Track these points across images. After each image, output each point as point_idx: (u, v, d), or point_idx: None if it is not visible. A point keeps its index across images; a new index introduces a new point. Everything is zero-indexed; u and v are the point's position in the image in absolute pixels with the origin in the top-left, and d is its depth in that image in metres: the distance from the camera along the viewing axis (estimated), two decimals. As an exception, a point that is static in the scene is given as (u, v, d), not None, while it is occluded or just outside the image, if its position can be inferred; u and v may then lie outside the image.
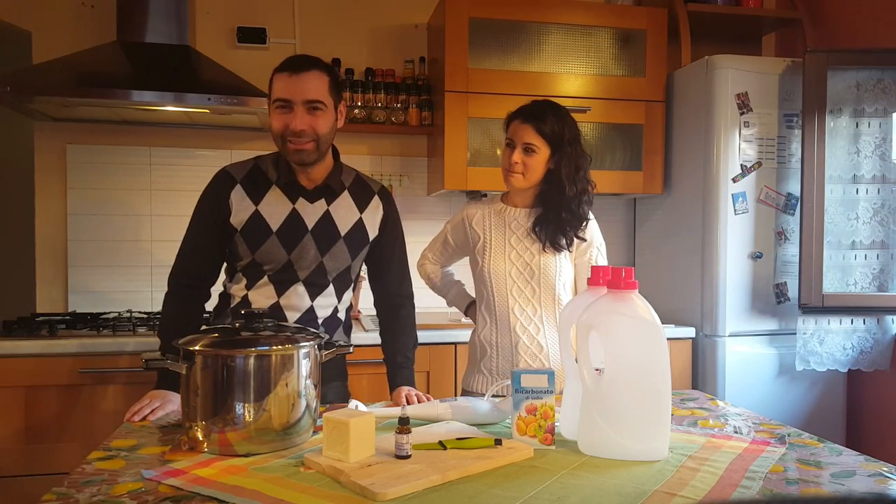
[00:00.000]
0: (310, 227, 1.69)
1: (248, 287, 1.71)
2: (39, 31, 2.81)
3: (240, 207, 1.67)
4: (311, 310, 1.72)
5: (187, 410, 1.29)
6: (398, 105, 2.97)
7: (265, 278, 1.70)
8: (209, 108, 2.54)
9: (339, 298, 1.78)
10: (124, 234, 2.91)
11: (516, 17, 2.85)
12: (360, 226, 1.76)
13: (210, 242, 1.71)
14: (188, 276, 1.73)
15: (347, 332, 1.85)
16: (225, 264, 1.78)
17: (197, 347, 1.27)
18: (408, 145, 3.16)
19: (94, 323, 2.52)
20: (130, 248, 2.92)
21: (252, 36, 2.97)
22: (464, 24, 2.79)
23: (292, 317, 1.70)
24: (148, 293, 2.90)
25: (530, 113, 1.86)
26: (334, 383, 1.80)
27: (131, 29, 2.67)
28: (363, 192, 1.79)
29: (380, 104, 2.95)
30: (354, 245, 1.75)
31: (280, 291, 1.70)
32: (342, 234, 1.73)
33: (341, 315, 1.81)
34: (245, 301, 1.71)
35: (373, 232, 1.79)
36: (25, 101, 2.49)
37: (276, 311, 1.69)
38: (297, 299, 1.71)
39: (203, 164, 2.91)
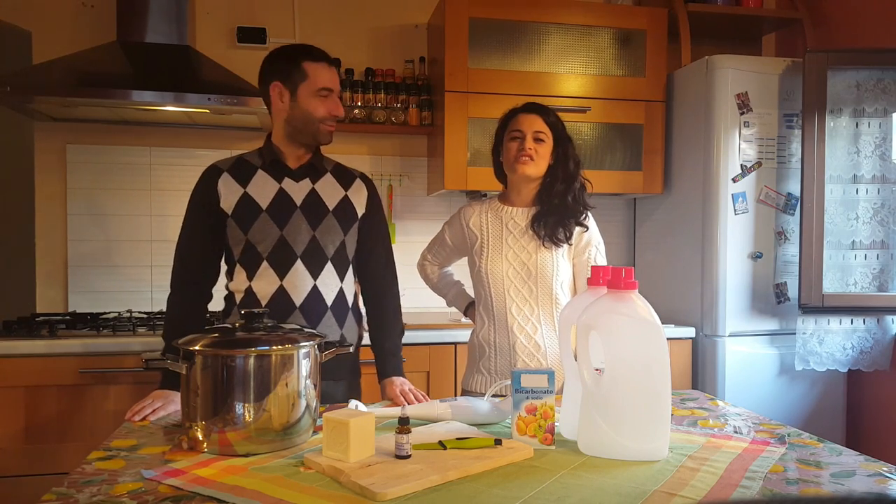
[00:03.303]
0: (298, 204, 1.73)
1: (250, 278, 1.71)
2: (39, 31, 2.81)
3: (228, 192, 1.72)
4: (315, 290, 1.72)
5: (187, 410, 1.29)
6: (398, 105, 2.97)
7: (264, 263, 1.70)
8: (209, 108, 2.54)
9: (342, 278, 1.78)
10: (124, 234, 2.91)
11: (516, 17, 2.85)
12: (346, 202, 1.80)
13: (205, 236, 1.73)
14: (190, 274, 1.74)
15: (359, 320, 1.86)
16: (225, 266, 1.78)
17: (197, 347, 1.27)
18: (408, 145, 3.16)
19: (94, 323, 2.52)
20: (130, 248, 2.92)
21: (252, 36, 2.98)
22: (464, 24, 2.79)
23: (298, 299, 1.70)
24: (148, 293, 2.90)
25: (533, 106, 1.93)
26: (347, 381, 1.81)
27: (131, 29, 2.67)
28: (345, 175, 1.85)
29: (380, 104, 2.96)
30: (344, 219, 1.78)
31: (281, 274, 1.70)
32: (330, 209, 1.77)
33: (349, 299, 1.80)
34: (249, 293, 1.71)
35: (360, 209, 1.82)
36: (25, 101, 2.49)
37: (282, 296, 1.69)
38: (299, 280, 1.71)
39: (203, 164, 2.81)
